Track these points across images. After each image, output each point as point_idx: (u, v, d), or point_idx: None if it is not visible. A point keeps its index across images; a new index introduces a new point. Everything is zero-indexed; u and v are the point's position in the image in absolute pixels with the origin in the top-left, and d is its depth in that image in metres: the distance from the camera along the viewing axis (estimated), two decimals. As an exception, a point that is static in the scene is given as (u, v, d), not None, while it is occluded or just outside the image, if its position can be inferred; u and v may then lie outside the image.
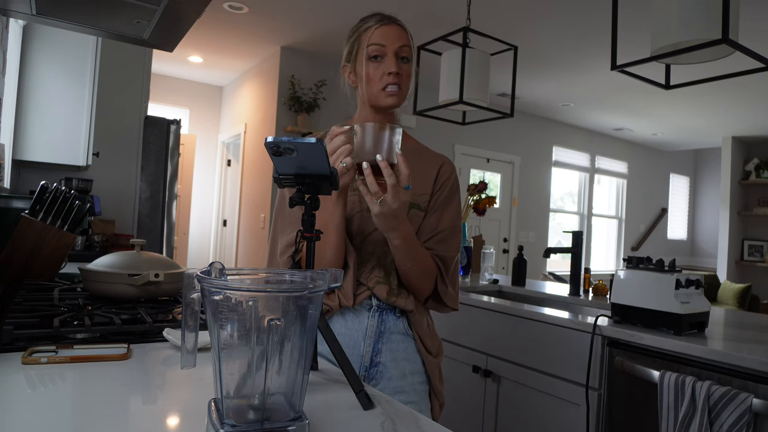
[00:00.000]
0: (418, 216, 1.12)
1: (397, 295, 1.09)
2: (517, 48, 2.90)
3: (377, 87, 1.09)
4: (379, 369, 1.08)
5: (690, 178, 9.15)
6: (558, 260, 7.44)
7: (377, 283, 1.09)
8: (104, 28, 1.59)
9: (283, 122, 4.77)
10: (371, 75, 1.09)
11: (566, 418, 1.70)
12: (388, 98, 1.09)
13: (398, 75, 1.09)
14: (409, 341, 1.12)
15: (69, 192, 1.45)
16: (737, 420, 1.23)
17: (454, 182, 1.19)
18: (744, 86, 5.01)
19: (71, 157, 2.70)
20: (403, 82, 1.10)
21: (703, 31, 1.62)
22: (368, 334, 1.08)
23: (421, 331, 1.12)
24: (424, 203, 1.14)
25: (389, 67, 1.08)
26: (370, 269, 1.09)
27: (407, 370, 1.11)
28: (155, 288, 1.16)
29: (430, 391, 1.15)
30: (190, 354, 0.57)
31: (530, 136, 6.68)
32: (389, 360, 1.08)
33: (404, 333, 1.11)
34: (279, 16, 4.06)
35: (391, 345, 1.09)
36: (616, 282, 1.64)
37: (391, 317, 1.10)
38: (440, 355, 1.17)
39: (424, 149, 1.22)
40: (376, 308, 1.10)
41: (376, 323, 1.09)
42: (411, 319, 1.11)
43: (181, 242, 5.39)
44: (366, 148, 0.88)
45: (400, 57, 1.09)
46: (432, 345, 1.15)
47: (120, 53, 3.40)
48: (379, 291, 1.08)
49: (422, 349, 1.13)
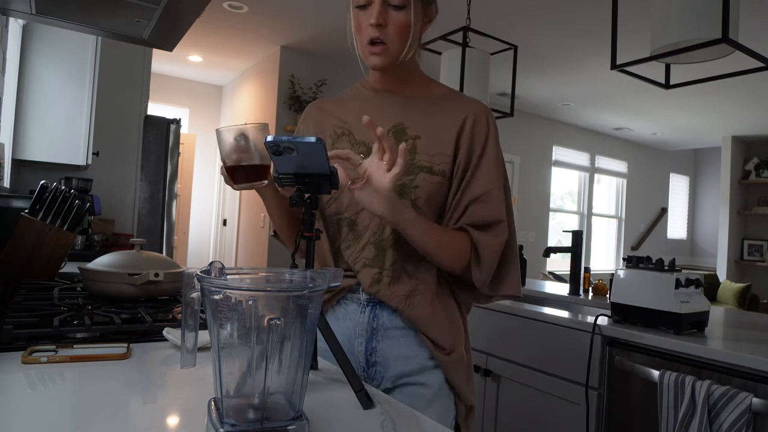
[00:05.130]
0: (428, 181, 0.94)
1: (381, 284, 0.94)
2: (516, 47, 2.90)
3: (363, 40, 0.94)
4: (377, 369, 0.96)
5: (690, 177, 9.14)
6: (558, 260, 7.43)
7: (364, 266, 0.95)
8: (104, 27, 1.58)
9: (283, 121, 4.76)
10: (357, 25, 0.94)
11: (566, 418, 1.70)
12: (370, 57, 0.94)
13: (380, 27, 0.90)
14: (411, 336, 0.96)
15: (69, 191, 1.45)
16: (737, 419, 1.23)
17: (488, 133, 0.97)
18: (744, 86, 5.01)
19: (71, 157, 2.69)
20: (389, 36, 0.91)
21: (703, 30, 1.61)
22: (358, 332, 0.96)
23: (425, 323, 0.94)
24: (439, 165, 0.95)
25: (371, 17, 0.90)
26: (361, 247, 0.96)
27: (414, 368, 0.95)
28: (155, 287, 1.16)
29: (453, 394, 0.98)
30: (190, 353, 0.57)
31: (530, 135, 6.68)
32: (389, 359, 0.95)
33: (403, 327, 0.96)
34: (279, 16, 4.05)
35: (389, 342, 0.95)
36: (616, 281, 1.64)
37: (386, 311, 0.96)
38: (456, 350, 0.97)
39: (449, 96, 1.02)
40: (366, 302, 0.97)
41: (367, 319, 0.96)
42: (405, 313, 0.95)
43: (181, 242, 5.39)
44: (222, 153, 0.90)
45: (390, 4, 0.91)
46: (443, 338, 0.95)
47: (120, 53, 3.40)
48: (363, 277, 0.95)
49: (429, 345, 0.95)
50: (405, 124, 0.99)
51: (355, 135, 1.01)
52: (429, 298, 0.96)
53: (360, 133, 1.01)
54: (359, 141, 1.00)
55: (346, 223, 0.98)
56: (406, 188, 0.95)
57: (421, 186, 0.94)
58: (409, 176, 0.95)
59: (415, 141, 0.97)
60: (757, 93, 5.24)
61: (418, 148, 0.96)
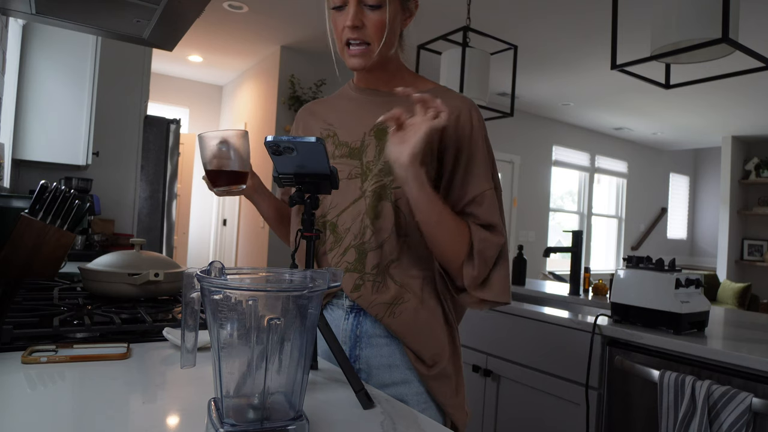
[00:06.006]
0: None
1: (362, 290, 0.91)
2: (516, 47, 2.90)
3: (340, 43, 0.92)
4: (361, 377, 0.92)
5: (690, 177, 9.15)
6: (558, 260, 7.43)
7: (346, 270, 0.93)
8: (104, 27, 1.58)
9: (282, 121, 4.76)
10: (335, 27, 0.92)
11: (566, 418, 1.70)
12: (351, 59, 0.92)
13: (357, 29, 0.89)
14: (394, 345, 0.92)
15: (69, 191, 1.45)
16: (737, 419, 1.23)
17: (473, 130, 0.93)
18: (744, 85, 5.01)
19: (71, 157, 2.70)
20: (368, 36, 0.89)
21: (703, 30, 1.62)
22: (343, 339, 0.94)
23: (406, 334, 0.90)
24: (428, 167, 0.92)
25: (346, 19, 0.89)
26: (343, 251, 0.93)
27: (396, 377, 0.92)
28: (155, 287, 1.16)
29: (435, 405, 0.93)
30: (190, 353, 0.57)
31: (530, 135, 6.68)
32: (372, 367, 0.92)
33: (387, 336, 0.92)
34: (279, 16, 4.05)
35: (372, 350, 0.92)
36: (616, 281, 1.64)
37: (369, 319, 0.93)
38: (438, 364, 0.92)
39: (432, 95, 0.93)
40: (350, 309, 0.94)
41: (351, 326, 0.93)
42: (386, 322, 0.91)
43: (181, 242, 5.39)
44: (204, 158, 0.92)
45: (366, 4, 0.89)
46: (424, 351, 0.91)
47: (120, 52, 3.40)
48: (345, 283, 0.92)
49: (410, 356, 0.91)
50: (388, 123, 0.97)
51: (339, 136, 1.00)
52: (413, 307, 0.92)
53: (344, 134, 0.99)
54: (342, 142, 0.99)
55: (328, 226, 0.97)
56: (386, 189, 0.92)
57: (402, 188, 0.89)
58: (389, 176, 0.92)
59: None
60: (757, 93, 5.24)
61: None
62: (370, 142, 0.95)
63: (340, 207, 0.95)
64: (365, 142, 0.96)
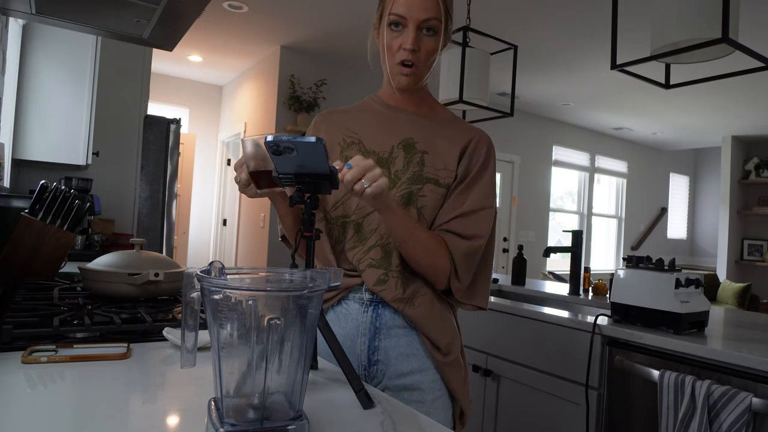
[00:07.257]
0: (434, 192, 1.01)
1: (386, 284, 0.98)
2: (516, 47, 2.90)
3: (394, 60, 0.99)
4: (378, 367, 1.00)
5: (690, 177, 9.15)
6: (558, 259, 7.44)
7: (369, 266, 1.00)
8: (104, 27, 1.59)
9: (282, 121, 4.76)
10: (390, 45, 0.99)
11: (566, 418, 1.70)
12: (400, 77, 1.00)
13: (414, 52, 0.97)
14: (412, 335, 1.01)
15: (69, 191, 1.45)
16: (737, 419, 1.23)
17: (485, 159, 1.04)
18: (744, 85, 5.01)
19: (71, 157, 2.69)
20: (420, 60, 0.98)
21: (703, 30, 1.61)
22: (361, 332, 1.00)
23: (424, 323, 1.00)
24: (444, 179, 1.02)
25: (406, 42, 0.96)
26: (367, 249, 1.00)
27: (414, 366, 1.00)
28: (155, 287, 1.16)
29: (448, 392, 1.03)
30: (190, 353, 0.57)
31: (530, 135, 6.68)
32: (390, 357, 1.00)
33: (406, 326, 1.01)
34: (279, 16, 4.05)
35: (391, 341, 1.00)
36: (616, 281, 1.64)
37: (388, 310, 1.00)
38: (453, 352, 1.02)
39: (454, 121, 1.10)
40: (369, 302, 1.01)
41: (370, 319, 1.00)
42: (406, 313, 0.99)
43: (181, 242, 5.39)
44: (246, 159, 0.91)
45: (423, 29, 0.97)
46: (441, 339, 1.01)
47: (120, 52, 3.40)
48: (368, 276, 0.99)
49: (427, 344, 1.00)
50: (414, 139, 1.05)
51: (365, 144, 1.06)
52: (429, 299, 1.02)
53: (371, 143, 1.06)
54: (369, 150, 1.05)
55: (352, 226, 1.03)
56: (414, 196, 1.01)
57: (428, 196, 1.01)
58: (417, 185, 1.01)
59: (423, 155, 1.03)
60: (757, 93, 5.24)
61: (425, 162, 1.03)
62: (398, 154, 1.04)
63: (366, 209, 1.01)
64: (394, 154, 1.04)
